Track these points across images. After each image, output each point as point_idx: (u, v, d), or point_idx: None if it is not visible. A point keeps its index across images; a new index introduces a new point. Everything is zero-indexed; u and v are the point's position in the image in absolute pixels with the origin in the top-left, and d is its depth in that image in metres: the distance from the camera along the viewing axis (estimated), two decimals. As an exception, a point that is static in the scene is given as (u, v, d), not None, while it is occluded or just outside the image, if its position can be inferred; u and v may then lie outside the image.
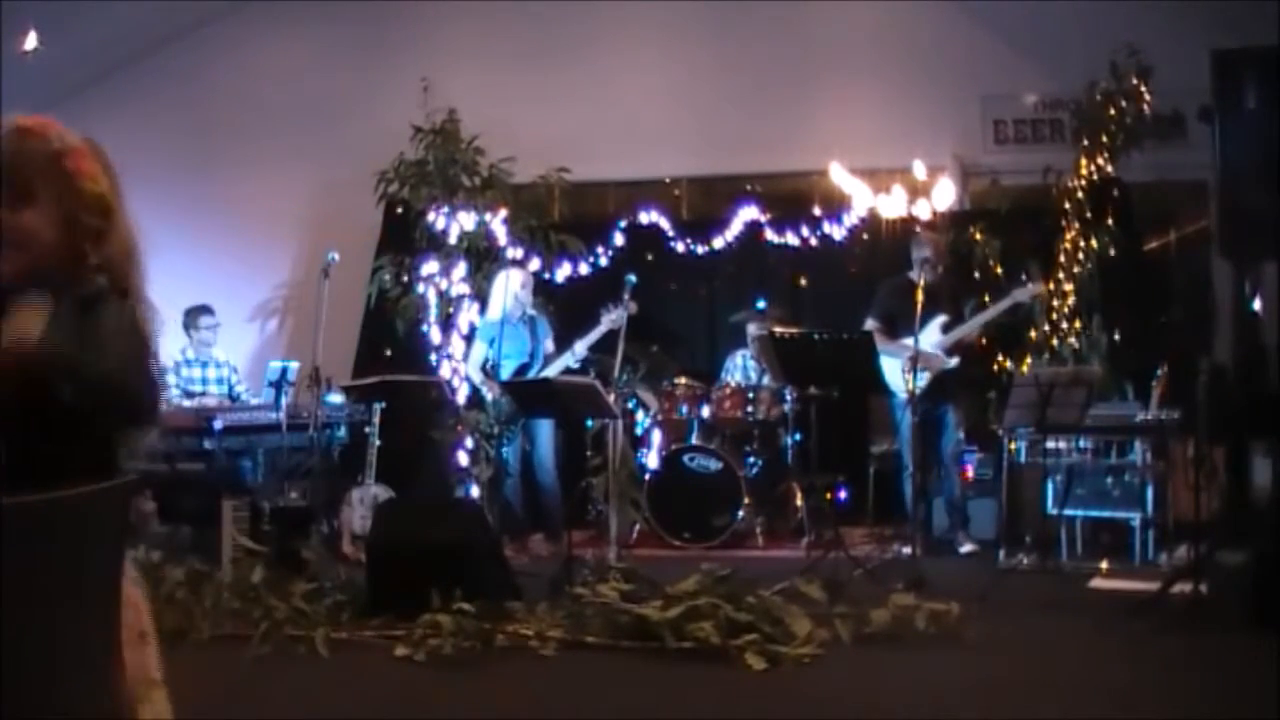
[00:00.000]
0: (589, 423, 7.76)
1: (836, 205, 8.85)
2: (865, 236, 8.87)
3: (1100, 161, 8.31)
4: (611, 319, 7.35)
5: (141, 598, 2.06)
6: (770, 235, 9.04)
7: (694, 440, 8.05)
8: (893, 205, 8.61)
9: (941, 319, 7.36)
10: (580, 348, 7.54)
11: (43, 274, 1.89)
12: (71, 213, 1.91)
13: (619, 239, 9.08)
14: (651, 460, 8.16)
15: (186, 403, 7.89)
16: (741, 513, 7.69)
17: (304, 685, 4.49)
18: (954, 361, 7.37)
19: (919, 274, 7.31)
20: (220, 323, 8.36)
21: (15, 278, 1.87)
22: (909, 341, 6.88)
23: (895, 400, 7.17)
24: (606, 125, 9.38)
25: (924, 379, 7.29)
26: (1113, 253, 8.25)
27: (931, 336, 7.33)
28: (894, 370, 6.99)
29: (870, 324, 7.36)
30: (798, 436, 7.99)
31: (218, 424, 7.22)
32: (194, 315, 8.25)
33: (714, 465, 7.80)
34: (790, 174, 9.39)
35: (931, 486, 7.56)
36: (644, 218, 9.16)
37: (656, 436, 8.25)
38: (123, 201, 2.01)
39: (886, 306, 7.31)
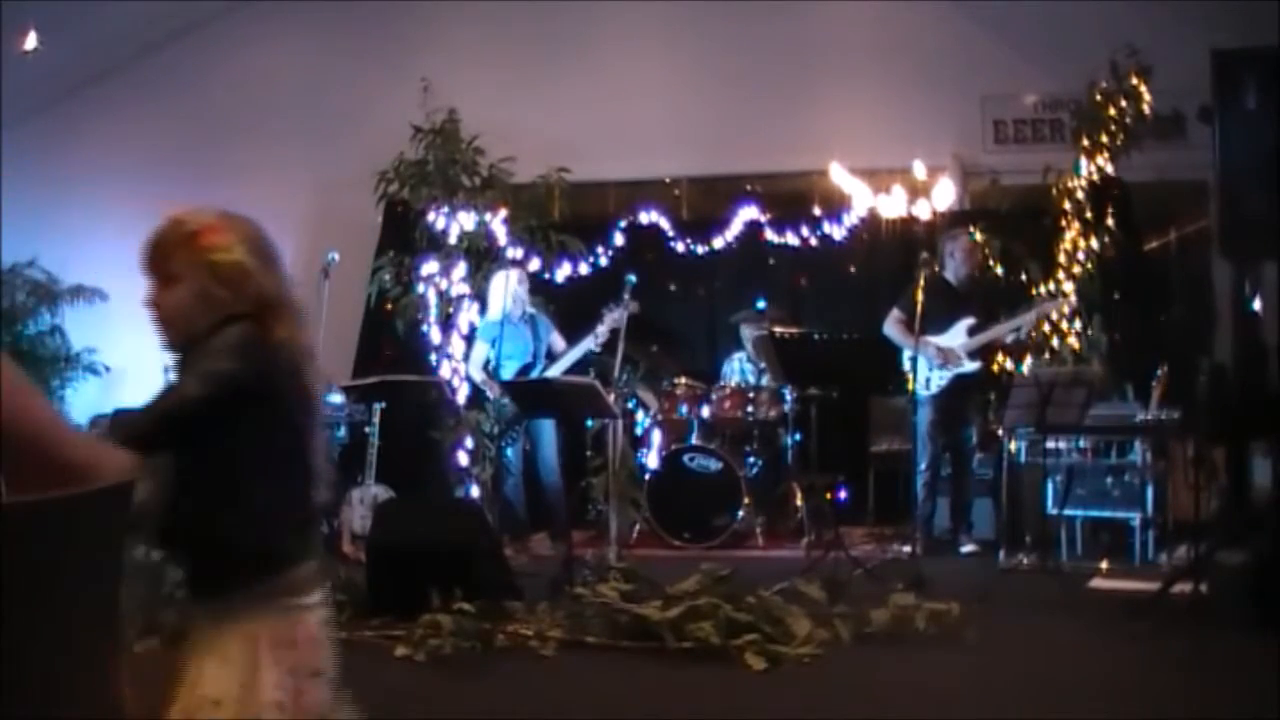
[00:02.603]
0: (589, 423, 7.76)
1: (836, 205, 8.86)
2: (865, 236, 8.87)
3: (1100, 161, 8.31)
4: (613, 318, 7.36)
5: (324, 637, 2.14)
6: (770, 235, 9.04)
7: (694, 440, 8.05)
8: (893, 205, 8.62)
9: (969, 321, 7.37)
10: (590, 343, 7.54)
11: (195, 339, 2.17)
12: (206, 285, 2.15)
13: (619, 239, 9.08)
14: (651, 460, 8.16)
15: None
16: (741, 513, 7.68)
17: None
18: (974, 365, 7.38)
19: (950, 272, 7.40)
20: None
21: (173, 347, 2.22)
22: (928, 338, 6.93)
23: (918, 398, 7.18)
24: (606, 125, 9.38)
25: (946, 378, 7.32)
26: (1113, 253, 8.25)
27: (957, 338, 7.36)
28: (921, 366, 7.03)
29: (894, 315, 7.38)
30: (798, 436, 7.99)
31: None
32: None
33: (714, 465, 7.80)
34: (790, 174, 9.39)
35: (940, 486, 7.57)
36: (644, 218, 9.17)
37: (656, 436, 8.25)
38: (268, 260, 2.21)
39: (913, 301, 7.03)
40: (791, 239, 8.99)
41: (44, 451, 1.82)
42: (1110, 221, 8.27)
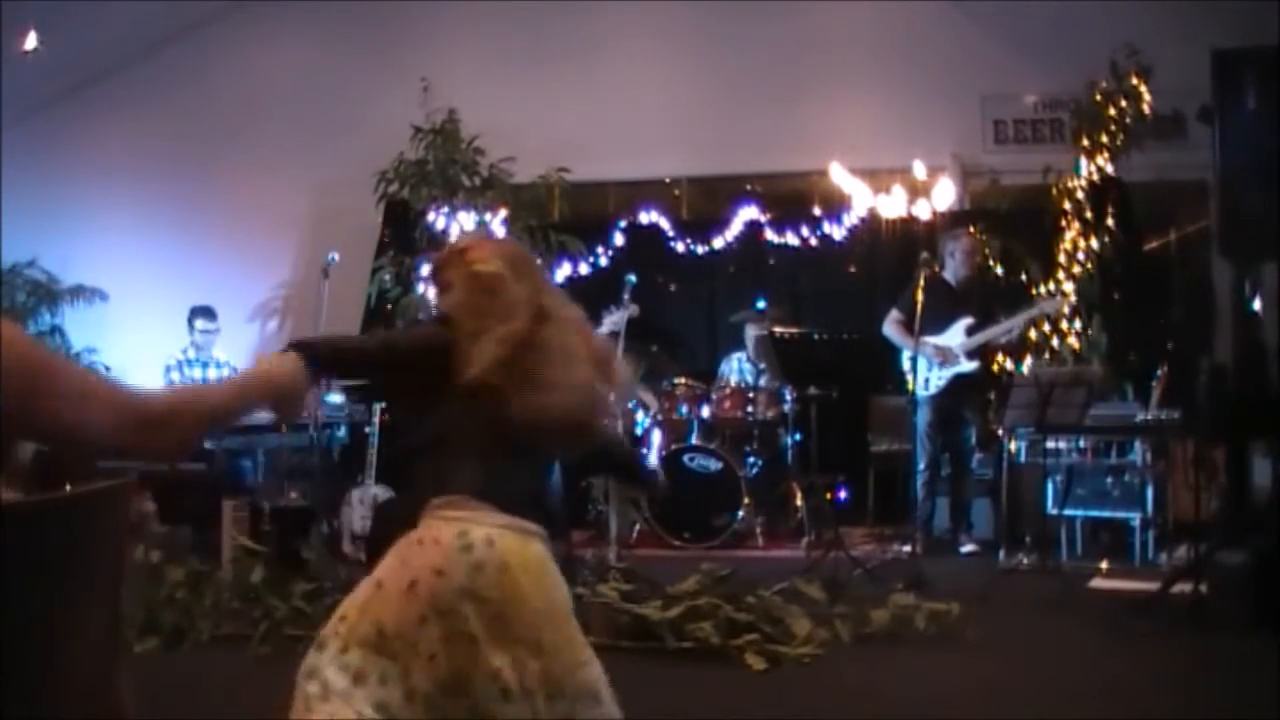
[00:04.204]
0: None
1: (836, 205, 8.86)
2: (865, 236, 8.87)
3: (1100, 161, 8.31)
4: (613, 320, 7.36)
5: (458, 545, 2.33)
6: (770, 235, 9.05)
7: (694, 440, 8.04)
8: (893, 205, 8.62)
9: (967, 321, 7.37)
10: None
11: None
12: (469, 290, 2.49)
13: (619, 239, 9.09)
14: (651, 460, 8.15)
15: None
16: (741, 513, 7.68)
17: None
18: (972, 365, 7.38)
19: (950, 272, 7.41)
20: (219, 328, 8.37)
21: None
22: (926, 338, 6.93)
23: (917, 398, 7.18)
24: (606, 125, 9.37)
25: (944, 378, 7.33)
26: (1113, 253, 8.25)
27: (955, 338, 7.36)
28: (920, 367, 7.04)
29: (893, 315, 7.40)
30: (798, 436, 7.99)
31: (218, 423, 7.20)
32: (193, 316, 8.26)
33: (714, 465, 7.79)
34: (790, 174, 9.39)
35: (940, 486, 7.57)
36: (644, 218, 9.17)
37: (656, 436, 8.25)
38: (525, 270, 2.58)
39: (913, 301, 6.95)
40: (791, 239, 9.00)
41: (65, 421, 1.79)
42: (1110, 221, 8.28)
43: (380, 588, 2.31)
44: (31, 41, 8.42)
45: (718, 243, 9.08)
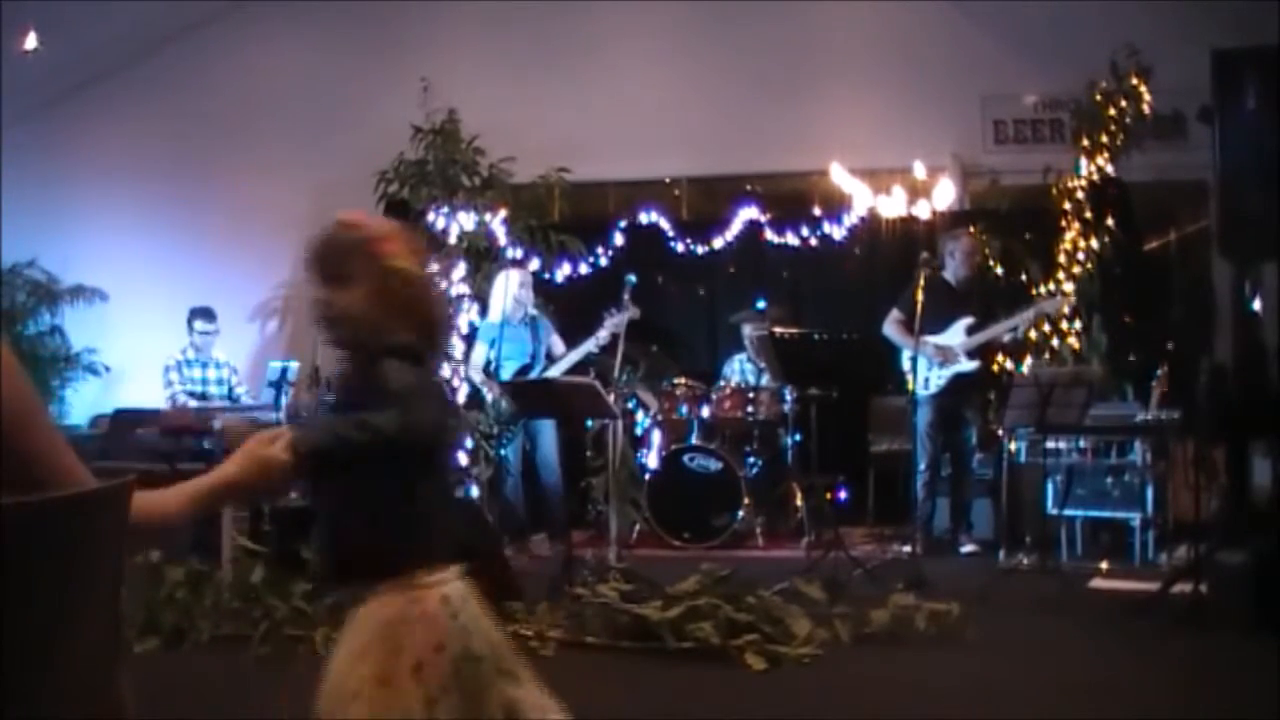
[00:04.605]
0: (589, 423, 7.75)
1: (836, 205, 8.85)
2: (865, 236, 8.87)
3: (1100, 161, 8.31)
4: (614, 322, 7.36)
5: (443, 613, 2.25)
6: (770, 235, 9.04)
7: (694, 440, 8.05)
8: (893, 205, 8.62)
9: (967, 321, 7.38)
10: (590, 345, 7.55)
11: (358, 341, 2.29)
12: (381, 288, 2.24)
13: (619, 239, 9.08)
14: (651, 460, 8.15)
15: (192, 403, 7.90)
16: (741, 513, 7.68)
17: (304, 685, 4.48)
18: (972, 365, 7.39)
19: (950, 272, 7.42)
20: (219, 330, 8.37)
21: (337, 345, 2.33)
22: (926, 338, 6.93)
23: (917, 398, 7.18)
24: (606, 125, 9.37)
25: (945, 378, 7.34)
26: (1113, 253, 8.25)
27: (955, 337, 7.37)
28: (920, 366, 7.05)
29: (894, 315, 7.41)
30: (798, 436, 7.99)
31: (218, 424, 7.23)
32: (193, 317, 8.26)
33: (714, 465, 7.80)
34: (790, 174, 9.38)
35: (940, 486, 7.57)
36: (644, 218, 9.16)
37: (656, 436, 8.25)
38: (430, 274, 2.38)
39: (913, 301, 6.91)
40: (791, 239, 8.99)
41: (39, 469, 1.82)
42: (1110, 221, 8.27)
43: (386, 685, 2.21)
44: (31, 41, 8.42)
45: (718, 243, 9.08)
